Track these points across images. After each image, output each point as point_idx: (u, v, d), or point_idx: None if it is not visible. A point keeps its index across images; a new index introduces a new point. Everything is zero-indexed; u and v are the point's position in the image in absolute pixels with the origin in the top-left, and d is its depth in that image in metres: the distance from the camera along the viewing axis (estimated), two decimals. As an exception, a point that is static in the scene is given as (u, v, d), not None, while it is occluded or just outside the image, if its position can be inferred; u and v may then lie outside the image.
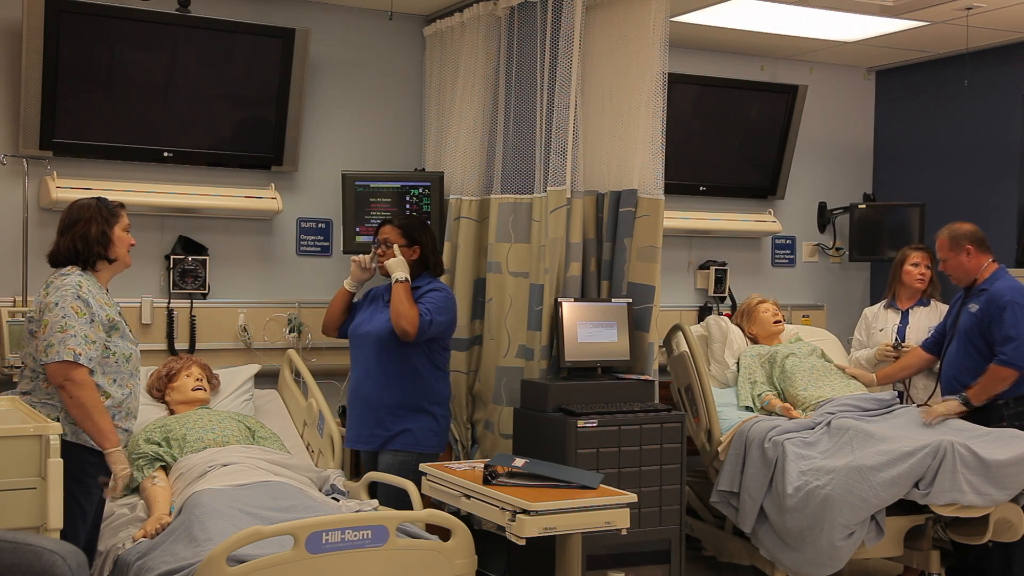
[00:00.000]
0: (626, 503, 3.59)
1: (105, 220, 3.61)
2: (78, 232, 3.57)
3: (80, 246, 3.56)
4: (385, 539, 3.25)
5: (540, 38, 4.76)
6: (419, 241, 4.39)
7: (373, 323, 4.33)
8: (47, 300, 3.46)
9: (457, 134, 5.16)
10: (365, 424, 4.31)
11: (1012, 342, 4.51)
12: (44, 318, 3.44)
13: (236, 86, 5.13)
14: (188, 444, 4.18)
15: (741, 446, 4.69)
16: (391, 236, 4.37)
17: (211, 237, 5.18)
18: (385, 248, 4.36)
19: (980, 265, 4.75)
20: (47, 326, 3.42)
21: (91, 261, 3.58)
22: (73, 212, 3.62)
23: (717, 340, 5.51)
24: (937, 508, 4.19)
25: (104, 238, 3.59)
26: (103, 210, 3.62)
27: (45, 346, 3.40)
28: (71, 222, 3.60)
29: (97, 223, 3.59)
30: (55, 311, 3.42)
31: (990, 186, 6.13)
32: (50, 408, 3.45)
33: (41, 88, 4.65)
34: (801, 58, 6.46)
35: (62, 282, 3.49)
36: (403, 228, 4.39)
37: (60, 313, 3.41)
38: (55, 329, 3.40)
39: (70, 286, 3.46)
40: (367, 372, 4.31)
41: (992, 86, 6.09)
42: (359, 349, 4.38)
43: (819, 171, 6.64)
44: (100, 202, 3.65)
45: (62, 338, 3.38)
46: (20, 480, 2.96)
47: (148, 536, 3.65)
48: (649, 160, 4.53)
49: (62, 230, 3.61)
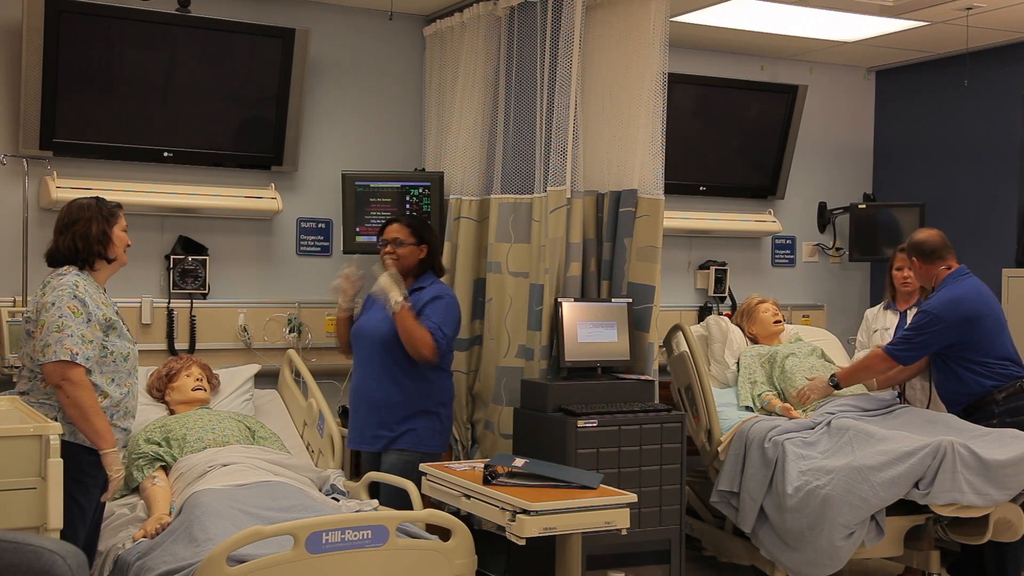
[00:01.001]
0: (626, 503, 3.59)
1: (105, 220, 3.61)
2: (78, 231, 3.57)
3: (80, 245, 3.56)
4: (385, 539, 3.25)
5: (540, 38, 4.76)
6: (427, 240, 4.37)
7: (375, 323, 4.31)
8: (44, 300, 3.46)
9: (457, 134, 5.16)
10: (369, 425, 4.30)
11: (905, 342, 4.67)
12: (41, 318, 3.44)
13: (236, 86, 5.13)
14: (188, 444, 4.18)
15: (741, 446, 4.69)
16: (400, 235, 4.31)
17: (211, 237, 5.18)
18: (394, 247, 4.31)
19: (929, 274, 4.81)
20: (44, 326, 3.42)
21: (90, 260, 3.58)
22: (72, 211, 3.62)
23: (717, 340, 5.50)
24: (937, 508, 4.19)
25: (104, 237, 3.59)
26: (103, 210, 3.62)
27: (42, 346, 3.40)
28: (70, 221, 3.59)
29: (97, 222, 3.59)
30: (52, 311, 3.42)
31: (990, 186, 6.14)
32: (48, 408, 3.44)
33: (41, 88, 4.65)
34: (801, 58, 6.46)
35: (59, 282, 3.49)
36: (412, 227, 4.35)
37: (57, 313, 3.41)
38: (52, 329, 3.40)
39: (67, 286, 3.46)
40: (370, 373, 4.30)
41: (992, 86, 6.09)
42: (361, 350, 4.36)
43: (819, 171, 6.64)
44: (99, 202, 3.65)
45: (59, 338, 3.38)
46: (20, 480, 2.96)
47: (148, 536, 3.65)
48: (649, 160, 4.53)
49: (60, 229, 3.61)
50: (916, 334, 4.64)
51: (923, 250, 4.81)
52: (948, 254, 4.78)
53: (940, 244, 4.80)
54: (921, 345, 4.65)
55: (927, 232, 4.88)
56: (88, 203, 3.63)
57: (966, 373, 4.62)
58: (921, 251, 4.81)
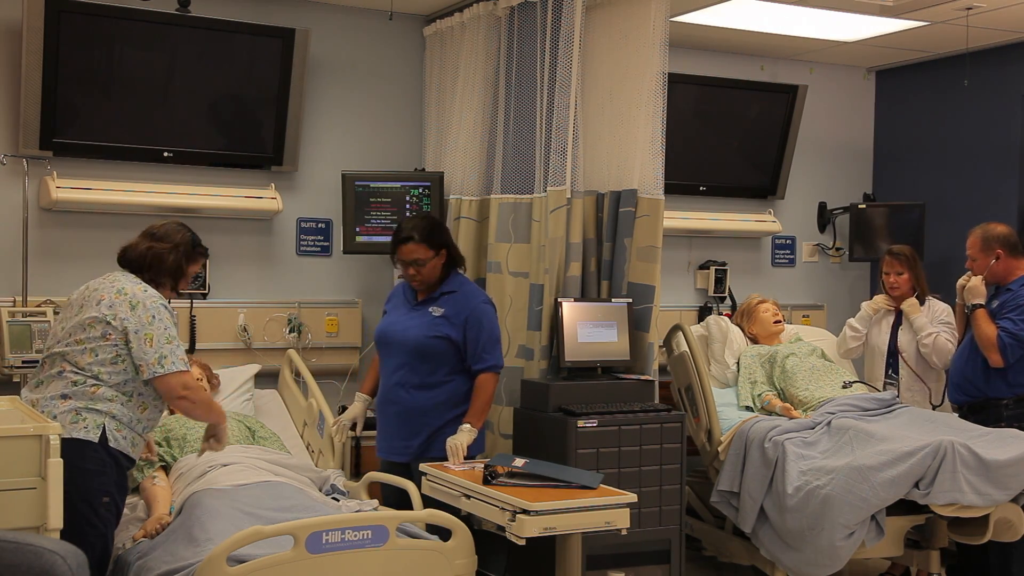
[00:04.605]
0: (626, 503, 3.59)
1: (186, 256, 3.66)
2: (158, 250, 3.61)
3: (151, 262, 3.60)
4: (385, 539, 3.25)
5: (540, 38, 4.76)
6: (443, 243, 4.16)
7: (402, 329, 4.16)
8: (141, 315, 3.42)
9: (457, 134, 5.16)
10: (401, 435, 4.15)
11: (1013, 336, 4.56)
12: (146, 332, 3.41)
13: (236, 86, 5.13)
14: (188, 444, 4.19)
15: (741, 446, 4.69)
16: (419, 254, 4.08)
17: (211, 237, 5.14)
18: (416, 268, 4.11)
19: (1009, 269, 4.74)
20: (152, 339, 3.41)
21: (157, 280, 3.60)
22: (169, 230, 3.68)
23: (717, 340, 5.51)
24: (937, 508, 4.19)
25: (178, 272, 3.64)
26: (191, 246, 3.68)
27: (157, 358, 3.40)
28: (161, 235, 3.65)
29: (177, 255, 3.63)
30: (156, 324, 3.43)
31: (990, 186, 6.13)
32: (95, 415, 3.37)
33: (41, 88, 4.65)
34: (801, 58, 6.46)
35: (146, 294, 3.49)
36: (428, 240, 4.09)
37: (161, 325, 3.44)
38: (162, 341, 3.42)
39: (155, 296, 3.51)
40: (400, 380, 4.14)
41: (992, 86, 6.09)
42: (390, 356, 4.19)
43: (819, 171, 6.64)
44: (193, 238, 3.71)
45: (171, 349, 3.43)
46: (20, 480, 2.96)
47: (148, 536, 3.65)
48: (649, 160, 4.53)
49: (148, 234, 3.65)
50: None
51: (1012, 242, 4.73)
52: None
53: (1018, 237, 4.77)
54: None
55: (1003, 225, 4.81)
56: (184, 233, 3.69)
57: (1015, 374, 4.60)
58: (1010, 244, 4.73)
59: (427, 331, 4.10)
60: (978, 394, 4.70)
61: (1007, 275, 4.75)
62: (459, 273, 4.26)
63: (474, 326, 4.10)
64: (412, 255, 4.11)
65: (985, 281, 4.78)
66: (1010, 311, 4.63)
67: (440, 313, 4.13)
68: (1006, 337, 4.57)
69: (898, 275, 5.19)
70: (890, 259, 5.24)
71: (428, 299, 4.18)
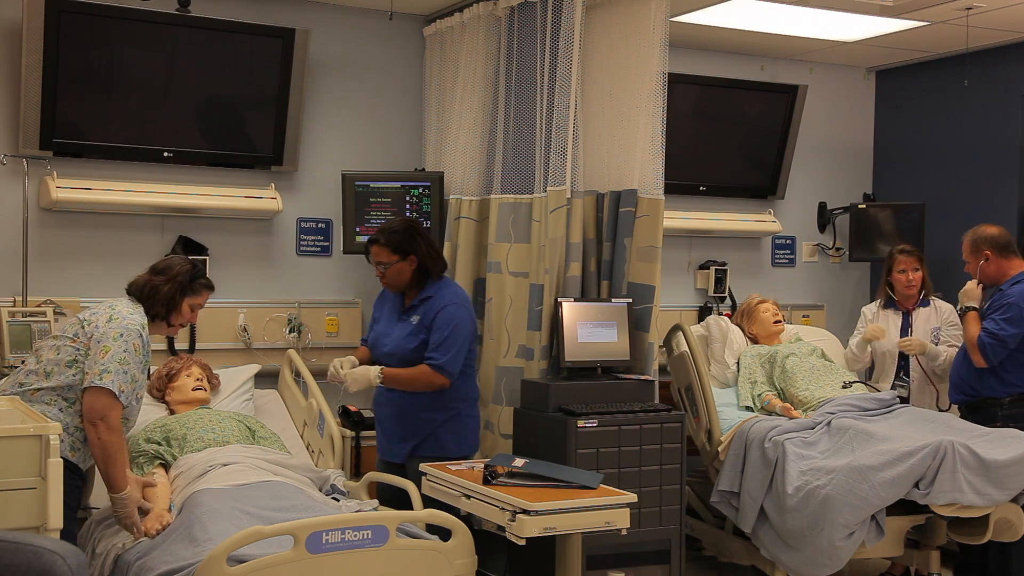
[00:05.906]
0: (626, 503, 3.59)
1: (181, 287, 3.68)
2: (155, 283, 3.67)
3: (148, 294, 3.65)
4: (385, 539, 3.25)
5: (540, 38, 4.76)
6: (411, 251, 4.18)
7: (393, 342, 4.23)
8: (111, 327, 3.48)
9: (457, 134, 5.16)
10: (395, 436, 4.26)
11: (999, 342, 4.58)
12: (105, 344, 3.46)
13: (236, 86, 5.13)
14: (188, 444, 4.18)
15: (741, 446, 4.69)
16: (382, 257, 4.18)
17: (211, 237, 5.18)
18: (383, 270, 4.20)
19: (1001, 270, 4.74)
20: (108, 352, 3.45)
21: (151, 312, 3.65)
22: (170, 263, 3.74)
23: (717, 340, 5.51)
24: (937, 508, 4.19)
25: (171, 303, 3.67)
26: (190, 278, 3.70)
27: (100, 370, 3.43)
28: (161, 268, 3.71)
29: (172, 287, 3.67)
30: (120, 342, 3.47)
31: (990, 186, 6.13)
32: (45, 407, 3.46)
33: (41, 88, 4.65)
34: (801, 58, 6.46)
35: (131, 320, 3.53)
36: (391, 244, 4.17)
37: (123, 346, 3.46)
38: (115, 360, 3.44)
39: (137, 324, 3.54)
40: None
41: (992, 86, 6.09)
42: (382, 364, 4.23)
43: (819, 171, 6.64)
44: (193, 269, 3.74)
45: (119, 370, 3.44)
46: (20, 480, 2.96)
47: (148, 536, 3.65)
48: (649, 160, 4.53)
49: (152, 268, 3.73)
50: (1008, 327, 4.55)
51: (1001, 243, 4.74)
52: (1016, 249, 4.75)
53: (1010, 238, 4.77)
54: (1010, 340, 4.58)
55: (993, 227, 4.81)
56: (183, 266, 3.72)
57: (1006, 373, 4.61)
58: (999, 244, 4.74)
59: (408, 343, 4.18)
60: (974, 394, 4.71)
61: (999, 276, 4.76)
62: (444, 278, 4.31)
63: (436, 327, 4.14)
64: (377, 257, 4.22)
65: (980, 283, 4.79)
66: (994, 311, 4.64)
67: (417, 320, 4.20)
68: (986, 337, 4.59)
69: (915, 271, 5.21)
70: (906, 257, 5.24)
71: (410, 307, 4.25)
